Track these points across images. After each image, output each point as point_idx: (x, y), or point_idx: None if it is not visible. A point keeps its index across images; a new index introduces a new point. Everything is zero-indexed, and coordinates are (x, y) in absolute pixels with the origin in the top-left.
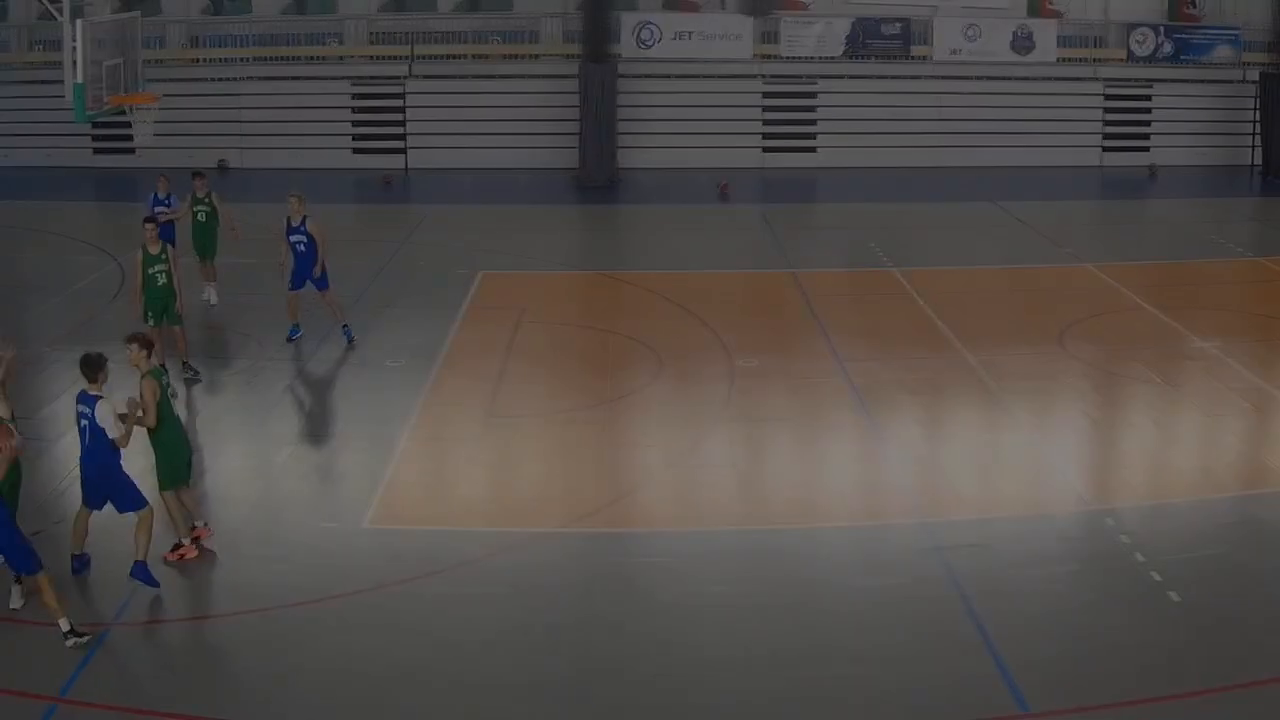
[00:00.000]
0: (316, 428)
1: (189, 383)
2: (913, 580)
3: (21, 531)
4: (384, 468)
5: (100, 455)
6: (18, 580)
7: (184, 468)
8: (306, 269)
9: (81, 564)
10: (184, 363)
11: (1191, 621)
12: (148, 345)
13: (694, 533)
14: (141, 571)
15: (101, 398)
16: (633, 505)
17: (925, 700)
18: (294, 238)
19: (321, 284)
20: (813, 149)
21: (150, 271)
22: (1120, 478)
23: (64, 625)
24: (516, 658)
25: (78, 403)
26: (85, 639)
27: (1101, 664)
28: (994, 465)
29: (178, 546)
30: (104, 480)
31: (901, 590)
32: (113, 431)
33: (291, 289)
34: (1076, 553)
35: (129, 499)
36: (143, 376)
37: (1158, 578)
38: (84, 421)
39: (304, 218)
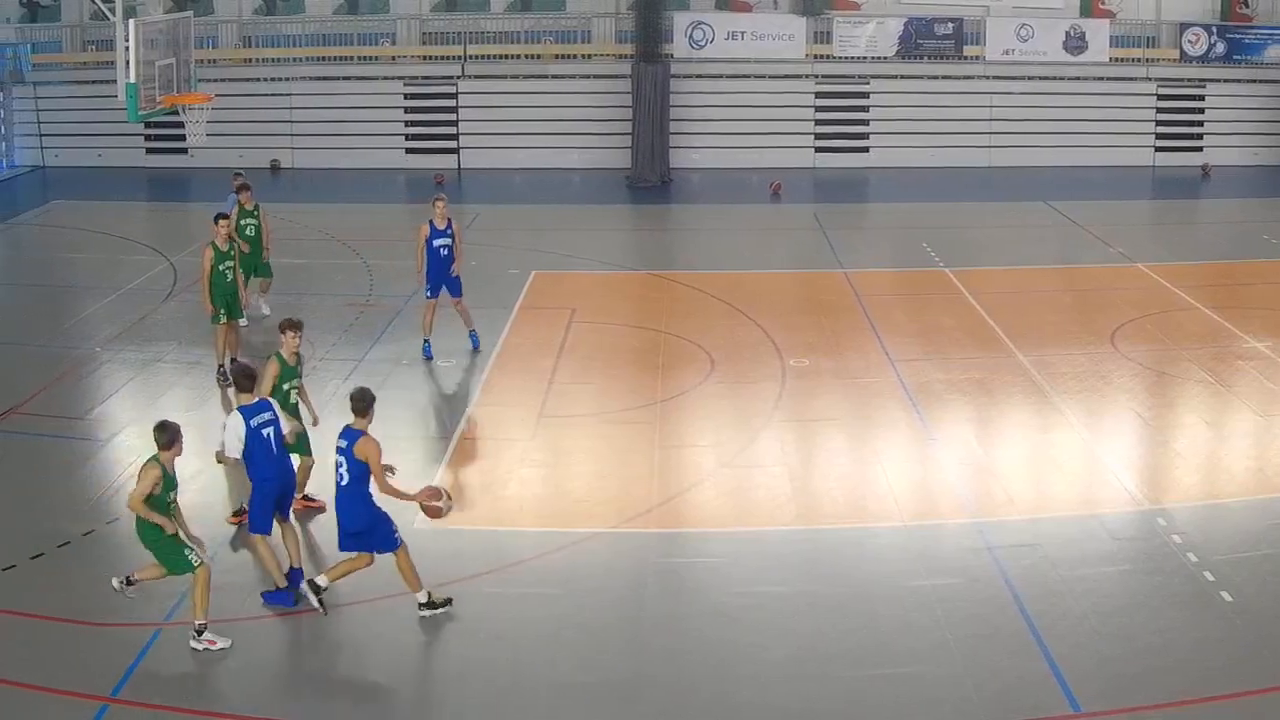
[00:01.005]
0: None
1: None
2: (965, 580)
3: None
4: (436, 468)
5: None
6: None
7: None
8: (444, 273)
9: (301, 576)
10: (233, 359)
11: (1244, 622)
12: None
13: (745, 533)
14: (298, 575)
15: (271, 399)
16: (684, 505)
17: (977, 700)
18: (438, 241)
19: (455, 290)
20: (865, 149)
21: (220, 268)
22: (1172, 478)
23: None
24: (569, 657)
25: (249, 417)
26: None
27: (1153, 664)
28: (1046, 465)
29: (239, 512)
30: (293, 486)
31: (953, 590)
32: (286, 424)
33: (430, 296)
34: (1128, 553)
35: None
36: (273, 357)
37: (1210, 578)
38: (268, 430)
39: (449, 221)
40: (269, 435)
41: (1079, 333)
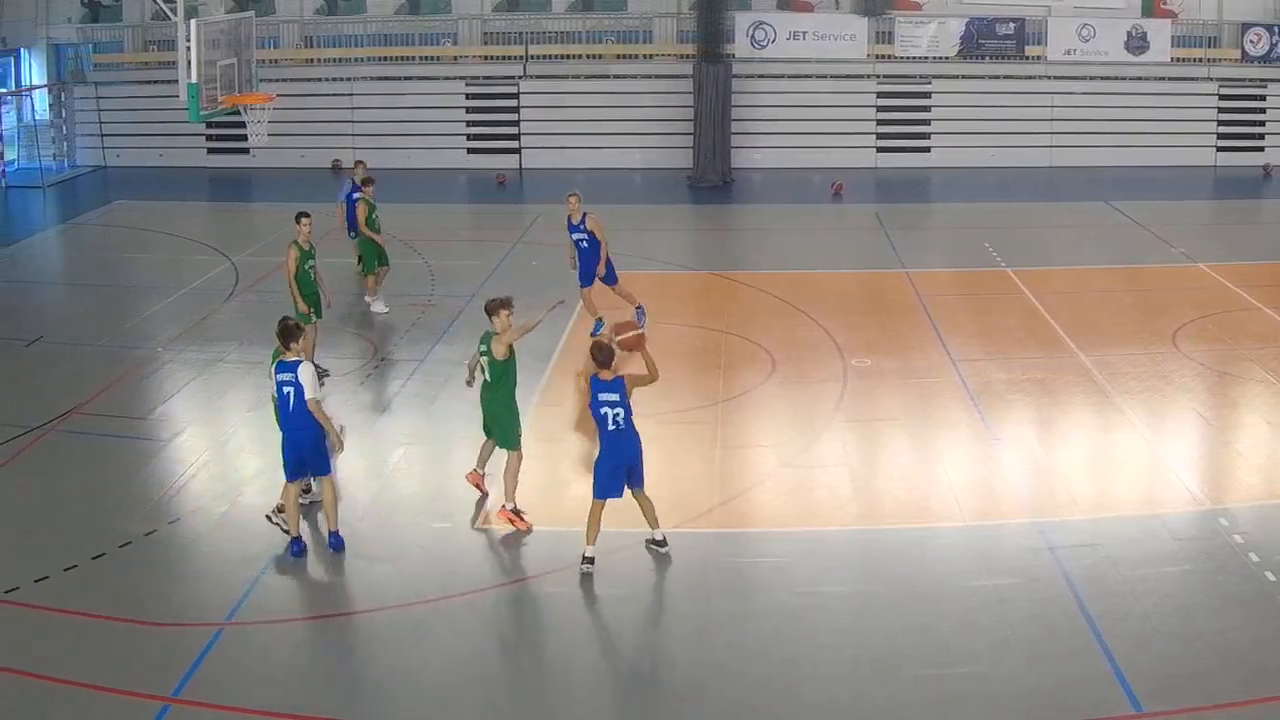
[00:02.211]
0: (430, 428)
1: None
2: (1026, 580)
3: None
4: (496, 469)
5: (309, 418)
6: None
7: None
8: (592, 265)
9: (301, 546)
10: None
11: None
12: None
13: (807, 533)
14: (338, 541)
15: (302, 362)
16: (746, 505)
17: (1038, 700)
18: (575, 235)
19: (609, 278)
20: (927, 149)
21: (305, 267)
22: (1233, 478)
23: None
24: (632, 657)
25: (278, 373)
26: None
27: (1214, 664)
28: (1107, 465)
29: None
30: (311, 445)
31: (1014, 590)
32: (311, 392)
33: (584, 285)
34: (1190, 553)
35: (325, 464)
36: (497, 336)
37: (1272, 578)
38: (288, 389)
39: (584, 215)
40: (288, 394)
41: (1140, 333)
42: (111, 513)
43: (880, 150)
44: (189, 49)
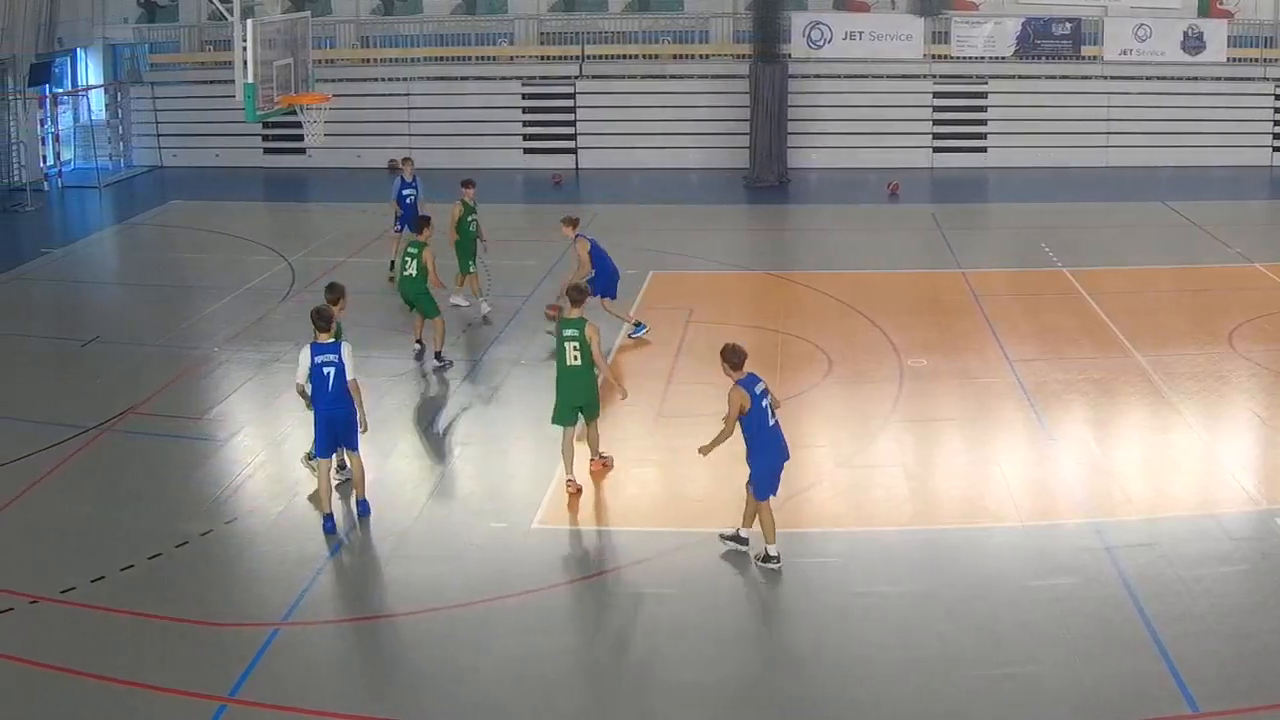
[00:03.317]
0: (486, 428)
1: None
2: (1082, 580)
3: None
4: (553, 468)
5: (346, 397)
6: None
7: (566, 410)
8: (601, 279)
9: (332, 524)
10: (436, 352)
11: None
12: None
13: (863, 532)
14: (365, 507)
15: (344, 343)
16: (802, 505)
17: (1095, 700)
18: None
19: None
20: (983, 149)
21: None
22: None
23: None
24: (688, 657)
25: (315, 354)
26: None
27: (1272, 664)
28: (1163, 465)
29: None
30: (345, 421)
31: (1071, 590)
32: (352, 373)
33: (602, 297)
34: (1246, 553)
35: (356, 440)
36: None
37: None
38: (328, 370)
39: (574, 240)
40: (329, 374)
41: (1196, 333)
42: (168, 513)
43: (936, 150)
44: (245, 49)
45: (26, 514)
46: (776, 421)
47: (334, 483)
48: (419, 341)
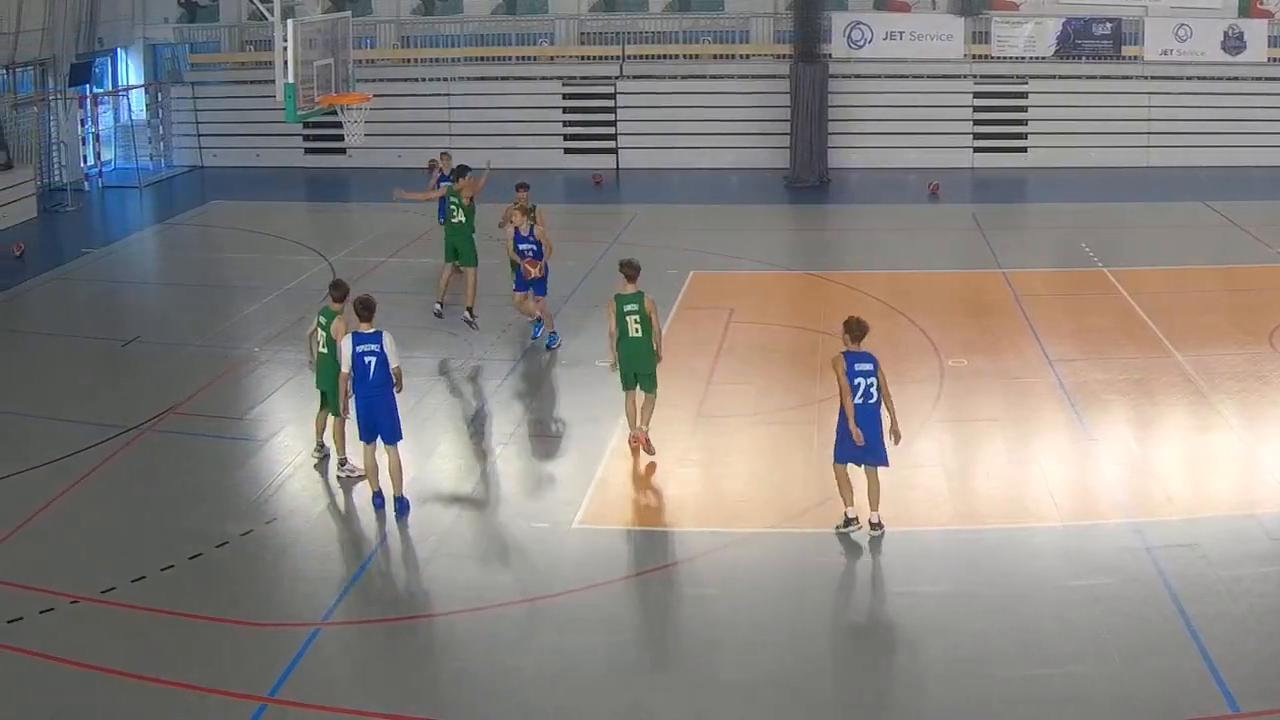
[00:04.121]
0: (526, 427)
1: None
2: (1122, 580)
3: None
4: (594, 467)
5: (387, 386)
6: None
7: (628, 376)
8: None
9: (381, 500)
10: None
11: None
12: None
13: (904, 533)
14: (404, 505)
15: (384, 332)
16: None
17: (1134, 700)
18: (522, 245)
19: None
20: (1023, 149)
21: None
22: None
23: None
24: (729, 656)
25: (357, 343)
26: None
27: None
28: (1204, 465)
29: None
30: (387, 410)
31: (1111, 590)
32: (395, 361)
33: (537, 294)
34: None
35: (396, 432)
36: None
37: None
38: (370, 359)
39: (531, 227)
40: (370, 363)
41: (1237, 333)
42: (208, 513)
43: (977, 150)
44: (286, 49)
45: (67, 514)
46: (875, 401)
47: (343, 475)
48: (440, 303)
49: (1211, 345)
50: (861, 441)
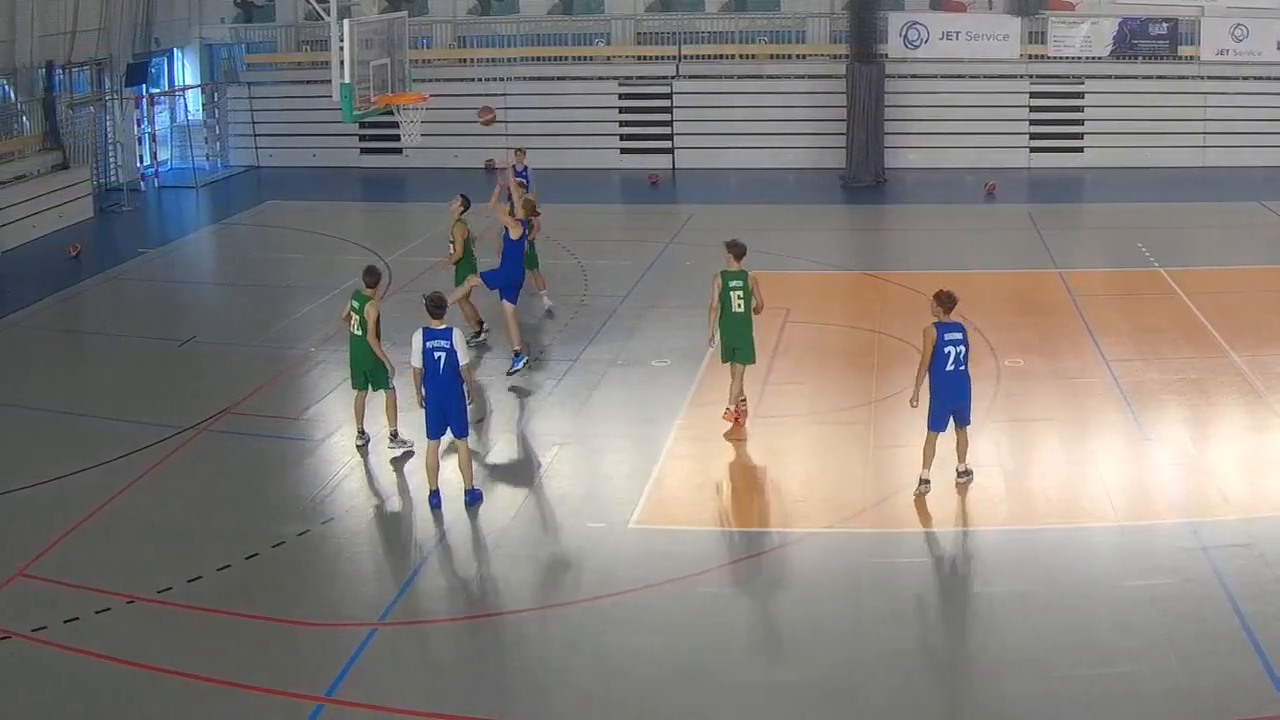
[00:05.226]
0: (583, 427)
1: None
2: (1179, 580)
3: None
4: (651, 467)
5: (458, 382)
6: None
7: (728, 350)
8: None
9: (438, 499)
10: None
11: None
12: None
13: (960, 533)
14: (475, 496)
15: (454, 329)
16: (898, 505)
17: (1191, 700)
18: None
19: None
20: (1080, 149)
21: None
22: None
23: None
24: (784, 657)
25: (427, 339)
26: None
27: None
28: (1260, 465)
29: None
30: (456, 405)
31: (1168, 590)
32: (464, 358)
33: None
34: None
35: (464, 427)
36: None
37: None
38: (439, 354)
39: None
40: (439, 359)
41: None
42: (265, 513)
43: (1033, 150)
44: (342, 49)
45: (124, 514)
46: (963, 370)
47: (397, 454)
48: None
49: (1268, 345)
50: (915, 405)
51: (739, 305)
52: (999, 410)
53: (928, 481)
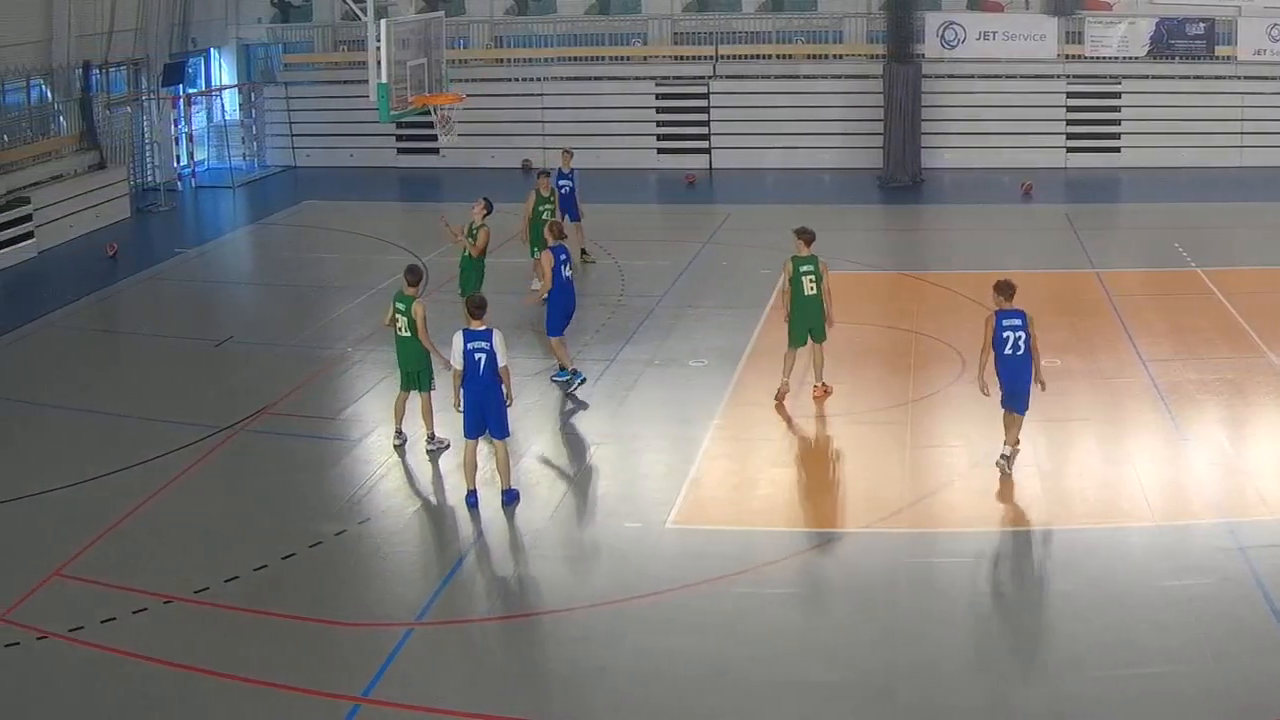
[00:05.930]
0: (620, 427)
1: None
2: (1216, 580)
3: None
4: (687, 468)
5: (497, 382)
6: None
7: (801, 334)
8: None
9: (475, 499)
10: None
11: None
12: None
13: (997, 533)
14: (512, 495)
15: (495, 330)
16: (936, 505)
17: (1228, 700)
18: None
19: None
20: (1117, 149)
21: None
22: None
23: None
24: (822, 657)
25: (468, 340)
26: None
27: None
28: None
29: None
30: (496, 406)
31: (1205, 590)
32: (503, 359)
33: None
34: None
35: (503, 428)
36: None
37: None
38: (480, 355)
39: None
40: (479, 359)
41: None
42: (302, 512)
43: (1070, 150)
44: (379, 49)
45: (161, 513)
46: (1021, 356)
47: (433, 449)
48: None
49: None
50: (987, 394)
51: (811, 288)
52: (1036, 410)
53: (1009, 457)
